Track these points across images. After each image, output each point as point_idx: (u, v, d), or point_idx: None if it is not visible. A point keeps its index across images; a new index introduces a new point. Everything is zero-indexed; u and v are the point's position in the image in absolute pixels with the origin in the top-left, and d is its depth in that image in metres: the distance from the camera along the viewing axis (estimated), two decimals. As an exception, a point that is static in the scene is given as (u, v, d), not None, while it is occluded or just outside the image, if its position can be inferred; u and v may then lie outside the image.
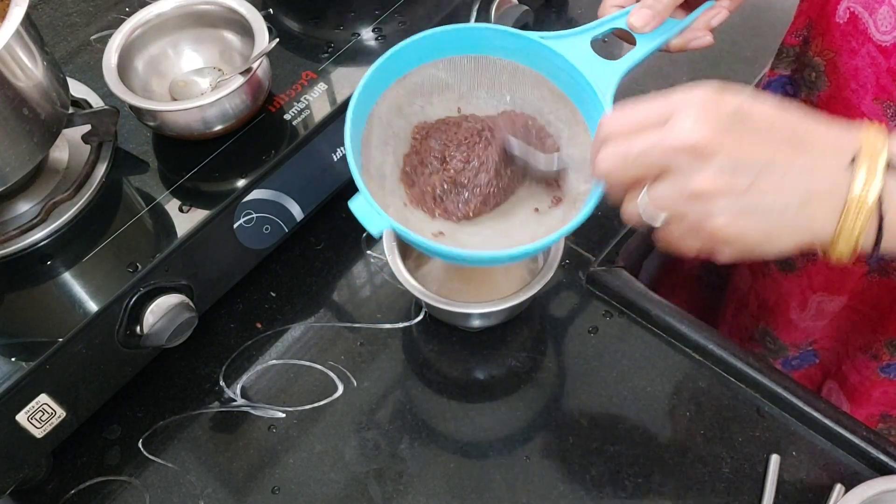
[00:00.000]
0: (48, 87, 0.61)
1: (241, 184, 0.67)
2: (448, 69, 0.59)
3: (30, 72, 0.59)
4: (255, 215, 0.69)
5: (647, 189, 0.46)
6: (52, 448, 0.63)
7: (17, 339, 0.60)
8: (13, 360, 0.58)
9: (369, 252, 0.78)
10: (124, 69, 0.69)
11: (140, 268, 0.62)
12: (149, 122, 0.68)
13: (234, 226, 0.68)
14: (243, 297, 0.75)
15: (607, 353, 0.70)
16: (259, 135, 0.70)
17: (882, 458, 0.62)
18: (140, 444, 0.68)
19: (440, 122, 0.59)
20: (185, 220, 0.65)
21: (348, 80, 0.74)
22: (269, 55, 0.69)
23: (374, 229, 0.51)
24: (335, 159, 0.74)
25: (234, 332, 0.73)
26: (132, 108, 0.68)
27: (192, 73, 0.73)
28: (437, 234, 0.56)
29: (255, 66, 0.67)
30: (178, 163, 0.68)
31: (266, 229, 0.71)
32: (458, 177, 0.57)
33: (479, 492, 0.64)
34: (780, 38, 0.75)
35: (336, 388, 0.69)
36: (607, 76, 0.56)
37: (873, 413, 0.85)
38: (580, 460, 0.65)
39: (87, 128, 0.67)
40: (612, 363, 0.69)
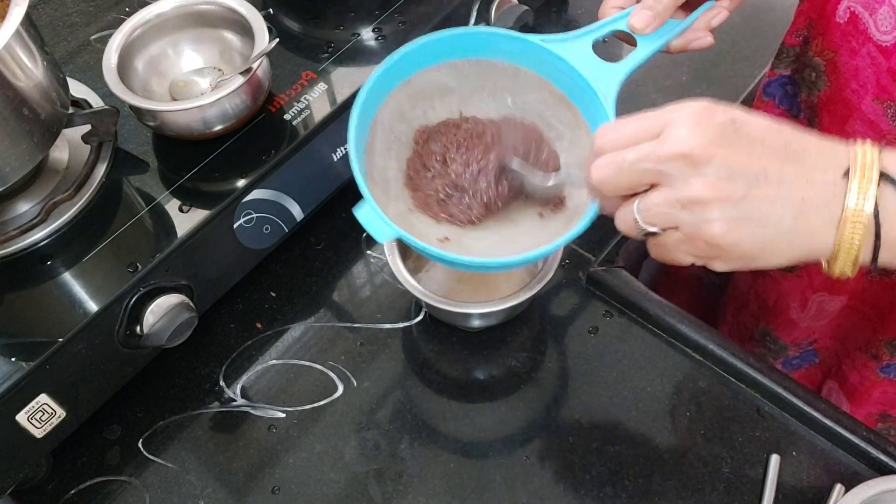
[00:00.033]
0: (48, 87, 0.61)
1: (241, 184, 0.67)
2: (450, 73, 0.59)
3: (30, 72, 0.58)
4: (255, 215, 0.69)
5: (642, 199, 0.46)
6: (52, 448, 0.63)
7: (17, 339, 0.60)
8: (13, 360, 0.58)
9: (369, 252, 0.78)
10: (124, 69, 0.69)
11: (140, 268, 0.62)
12: (149, 122, 0.68)
13: (234, 226, 0.68)
14: (243, 297, 0.75)
15: (607, 354, 0.70)
16: (259, 135, 0.70)
17: (882, 458, 0.62)
18: (140, 444, 0.68)
19: (441, 124, 0.59)
20: (185, 220, 0.65)
21: (348, 80, 0.74)
22: (269, 55, 0.69)
23: (380, 237, 0.51)
24: (335, 159, 0.74)
25: (234, 332, 0.73)
26: (132, 108, 0.68)
27: (192, 73, 0.73)
28: (443, 238, 0.56)
29: (255, 66, 0.67)
30: (178, 163, 0.68)
31: (266, 229, 0.71)
32: (459, 181, 0.56)
33: (479, 492, 0.64)
34: (780, 38, 0.75)
35: (336, 388, 0.69)
36: (609, 79, 0.55)
37: (873, 413, 0.85)
38: (580, 460, 0.65)
39: (87, 128, 0.67)
40: (612, 363, 0.69)
